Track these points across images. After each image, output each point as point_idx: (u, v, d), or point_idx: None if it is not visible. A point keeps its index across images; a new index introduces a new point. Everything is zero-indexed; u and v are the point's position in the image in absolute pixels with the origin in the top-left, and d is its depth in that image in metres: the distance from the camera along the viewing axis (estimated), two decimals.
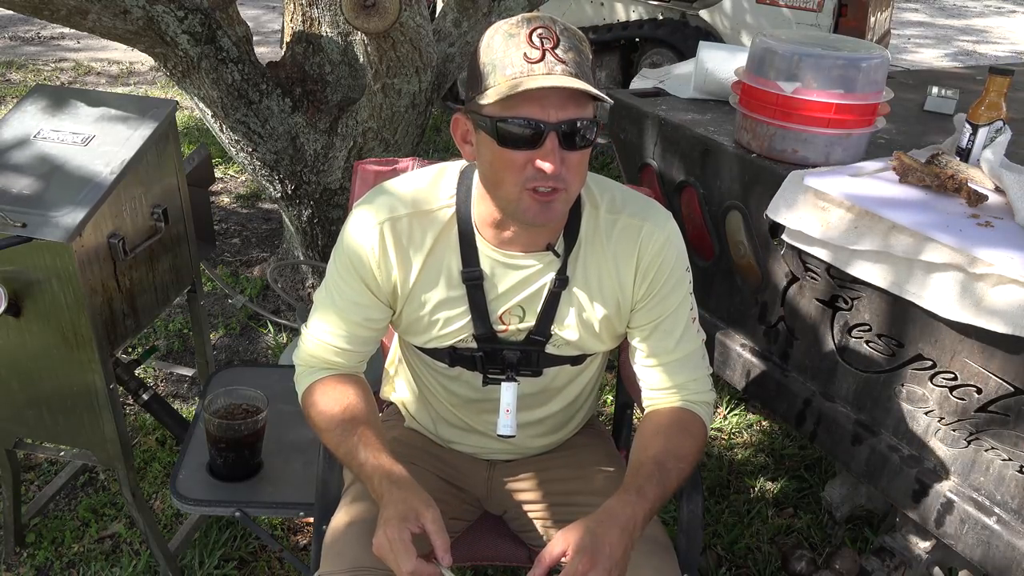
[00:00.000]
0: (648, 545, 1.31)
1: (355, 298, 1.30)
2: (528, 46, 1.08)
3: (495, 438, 1.40)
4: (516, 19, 1.12)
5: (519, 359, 1.33)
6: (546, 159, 1.10)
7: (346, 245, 1.28)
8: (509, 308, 1.29)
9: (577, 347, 1.34)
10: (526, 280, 1.28)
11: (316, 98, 2.76)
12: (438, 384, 1.42)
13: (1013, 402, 1.39)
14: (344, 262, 1.29)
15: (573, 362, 1.37)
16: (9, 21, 7.70)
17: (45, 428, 1.83)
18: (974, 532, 1.44)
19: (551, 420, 1.45)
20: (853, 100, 1.68)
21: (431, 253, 1.27)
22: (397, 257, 1.26)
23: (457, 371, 1.37)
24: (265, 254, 3.55)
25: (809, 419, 1.74)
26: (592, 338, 1.33)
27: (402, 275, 1.28)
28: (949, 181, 1.55)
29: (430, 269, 1.28)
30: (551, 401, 1.42)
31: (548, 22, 1.11)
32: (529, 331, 1.31)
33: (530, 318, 1.30)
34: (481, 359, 1.33)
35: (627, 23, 4.78)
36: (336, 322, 1.32)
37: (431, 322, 1.30)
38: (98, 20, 2.19)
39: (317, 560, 1.32)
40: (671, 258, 1.29)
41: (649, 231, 1.27)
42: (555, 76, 1.07)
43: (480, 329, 1.30)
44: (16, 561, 2.03)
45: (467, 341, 1.32)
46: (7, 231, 1.58)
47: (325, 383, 1.33)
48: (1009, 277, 1.31)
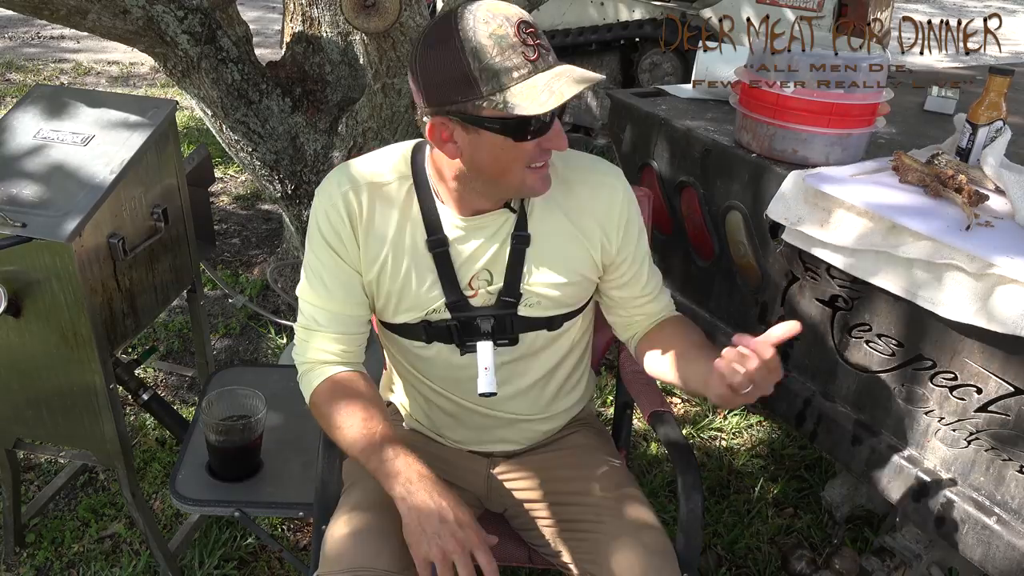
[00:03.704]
0: (648, 545, 1.31)
1: (334, 273, 1.34)
2: (522, 45, 1.12)
3: (487, 418, 1.43)
4: (487, 14, 1.12)
5: (494, 327, 1.35)
6: (555, 140, 1.20)
7: (314, 222, 1.34)
8: (476, 273, 1.33)
9: (549, 303, 1.37)
10: (489, 240, 1.32)
11: (316, 98, 2.76)
12: (420, 372, 1.43)
13: (1013, 402, 1.39)
14: (316, 240, 1.34)
15: (548, 326, 1.39)
16: (9, 21, 7.70)
17: (45, 428, 1.83)
18: (974, 532, 1.44)
19: (534, 391, 1.46)
20: (853, 100, 1.68)
21: (395, 224, 1.32)
22: (363, 222, 1.31)
23: (435, 348, 1.38)
24: (265, 254, 3.55)
25: (809, 419, 1.74)
26: (562, 289, 1.37)
27: (369, 242, 1.32)
28: (949, 181, 1.55)
29: (396, 241, 1.32)
30: (530, 369, 1.43)
31: (516, 11, 1.15)
32: (499, 293, 1.34)
33: (498, 280, 1.34)
34: (456, 328, 1.35)
35: (627, 23, 4.77)
36: (323, 304, 1.35)
37: (403, 293, 1.34)
38: (98, 20, 2.19)
39: (317, 560, 1.32)
40: (634, 204, 1.40)
41: (612, 185, 1.37)
42: (561, 69, 1.14)
43: (451, 296, 1.33)
44: (16, 561, 2.03)
45: (440, 311, 1.35)
46: (7, 231, 1.58)
47: (332, 380, 1.34)
48: (1009, 277, 1.31)
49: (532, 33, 1.13)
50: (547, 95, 1.11)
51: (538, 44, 1.14)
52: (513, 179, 1.21)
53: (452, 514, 1.17)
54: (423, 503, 1.17)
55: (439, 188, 1.31)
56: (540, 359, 1.43)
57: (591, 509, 1.40)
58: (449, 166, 1.24)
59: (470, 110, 1.14)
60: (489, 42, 1.11)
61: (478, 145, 1.18)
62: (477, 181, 1.24)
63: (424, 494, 1.18)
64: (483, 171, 1.21)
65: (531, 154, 1.19)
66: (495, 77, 1.11)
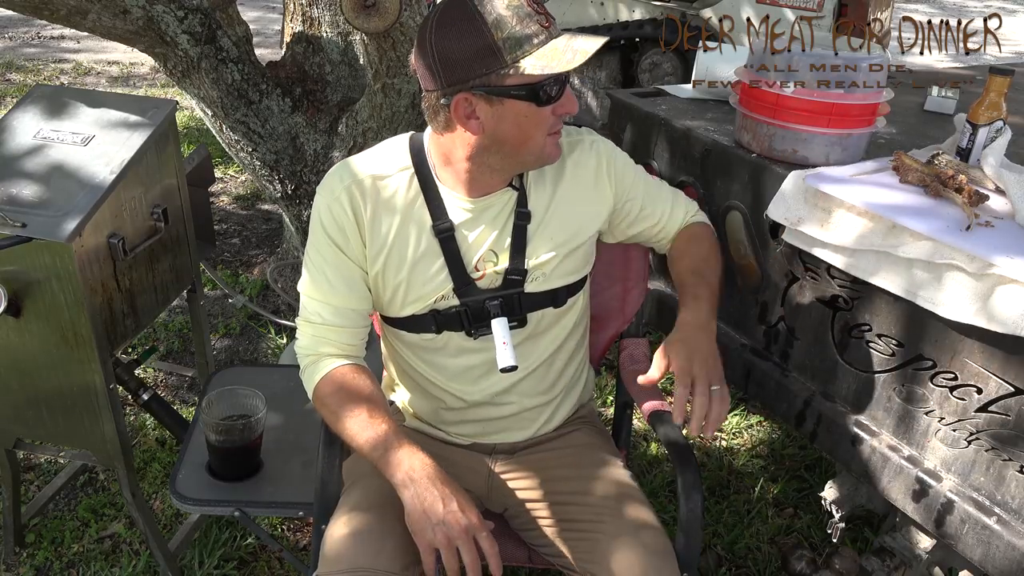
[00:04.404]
0: (648, 545, 1.31)
1: (336, 268, 1.35)
2: (536, 14, 1.20)
3: (495, 405, 1.45)
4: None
5: (502, 306, 1.37)
6: (569, 102, 1.27)
7: (317, 218, 1.35)
8: (482, 255, 1.36)
9: (554, 274, 1.40)
10: (494, 220, 1.35)
11: (316, 98, 2.76)
12: (429, 365, 1.44)
13: (1013, 402, 1.39)
14: (319, 235, 1.35)
15: (555, 303, 1.43)
16: (9, 21, 7.70)
17: (45, 428, 1.83)
18: (974, 532, 1.44)
19: (540, 369, 1.48)
20: (853, 100, 1.68)
21: (399, 214, 1.34)
22: (367, 216, 1.33)
23: (444, 338, 1.40)
24: (265, 254, 3.55)
25: (809, 419, 1.74)
26: (565, 256, 1.40)
27: (373, 236, 1.34)
28: (949, 181, 1.54)
29: (401, 231, 1.34)
30: (536, 348, 1.45)
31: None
32: (505, 271, 1.37)
33: (503, 259, 1.37)
34: (465, 314, 1.37)
35: (627, 23, 4.77)
36: (325, 299, 1.36)
37: (410, 283, 1.35)
38: (98, 20, 2.19)
39: (316, 560, 1.32)
40: (615, 150, 1.49)
41: (591, 142, 1.46)
42: (569, 34, 1.23)
43: (458, 281, 1.35)
44: (16, 561, 2.03)
45: (448, 298, 1.36)
46: (7, 231, 1.58)
47: (335, 373, 1.35)
48: (1009, 277, 1.31)
49: (539, 2, 1.22)
50: (570, 54, 1.19)
51: (546, 12, 1.23)
52: (534, 146, 1.28)
53: (455, 501, 1.18)
54: (426, 491, 1.19)
55: (444, 173, 1.34)
56: (546, 338, 1.45)
57: (591, 509, 1.40)
58: (463, 146, 1.27)
59: (494, 81, 1.19)
60: (508, 12, 1.18)
61: (502, 116, 1.23)
62: (496, 155, 1.28)
63: (427, 482, 1.20)
64: (506, 142, 1.26)
65: (550, 120, 1.26)
66: (518, 45, 1.18)
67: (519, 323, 1.41)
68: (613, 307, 1.72)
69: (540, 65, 1.18)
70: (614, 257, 1.68)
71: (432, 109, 1.27)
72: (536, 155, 1.30)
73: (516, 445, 1.52)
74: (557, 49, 1.20)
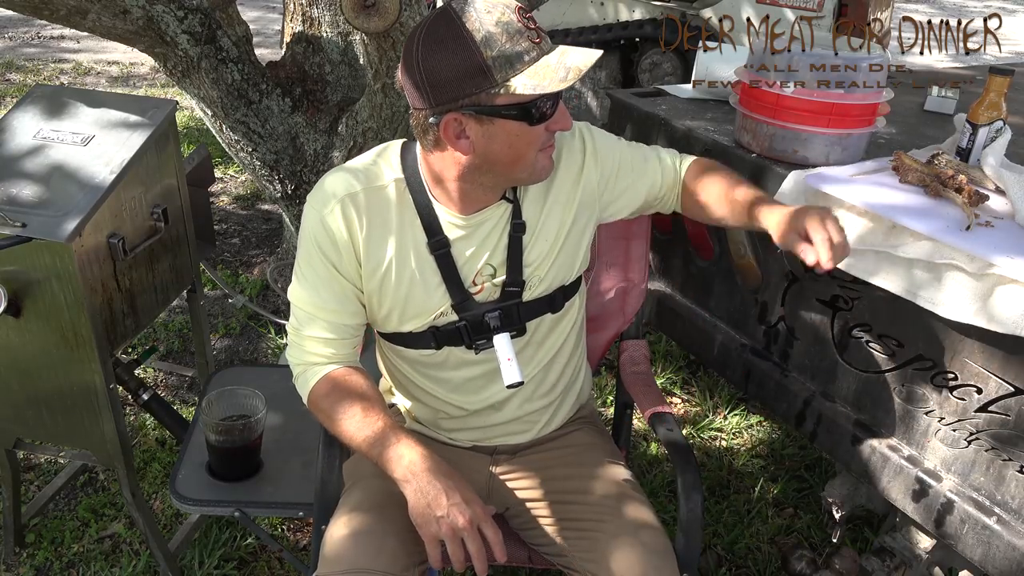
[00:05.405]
0: (648, 544, 1.31)
1: (328, 284, 1.32)
2: (527, 30, 1.15)
3: (496, 410, 1.44)
4: (487, 3, 1.14)
5: (501, 318, 1.36)
6: (563, 119, 1.23)
7: (309, 231, 1.31)
8: (479, 269, 1.34)
9: (550, 277, 1.38)
10: (490, 234, 1.33)
11: (316, 98, 2.76)
12: (429, 379, 1.43)
13: (1013, 402, 1.39)
14: (311, 250, 1.31)
15: (552, 308, 1.41)
16: (9, 21, 7.70)
17: (45, 428, 1.83)
18: (974, 532, 1.44)
19: (538, 374, 1.47)
20: (853, 100, 1.68)
21: (394, 230, 1.31)
22: (363, 234, 1.29)
23: (445, 353, 1.38)
24: (265, 254, 3.55)
25: (809, 419, 1.74)
26: (559, 256, 1.38)
27: (369, 254, 1.30)
28: (949, 181, 1.54)
29: (397, 248, 1.31)
30: (536, 355, 1.44)
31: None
32: (503, 284, 1.35)
33: (501, 272, 1.35)
34: (465, 329, 1.35)
35: (627, 23, 4.77)
36: (315, 311, 1.33)
37: (408, 300, 1.33)
38: (98, 20, 2.19)
39: (316, 560, 1.32)
40: (592, 131, 1.45)
41: (574, 134, 1.42)
42: (561, 49, 1.18)
43: (457, 297, 1.33)
44: (16, 561, 2.03)
45: (447, 314, 1.35)
46: (7, 231, 1.58)
47: (329, 377, 1.34)
48: (1009, 277, 1.31)
49: (530, 17, 1.17)
50: (563, 71, 1.15)
51: (538, 28, 1.17)
52: (526, 164, 1.24)
53: (457, 492, 1.18)
54: (428, 485, 1.18)
55: (435, 191, 1.30)
56: (545, 344, 1.45)
57: (591, 508, 1.40)
58: (453, 165, 1.24)
59: (484, 100, 1.15)
60: (497, 30, 1.13)
61: (492, 135, 1.19)
62: (487, 174, 1.25)
63: (428, 475, 1.19)
64: (497, 162, 1.22)
65: (543, 137, 1.22)
66: (508, 64, 1.13)
67: (518, 332, 1.39)
68: (613, 307, 1.72)
69: (532, 84, 1.13)
70: (615, 258, 1.68)
71: (421, 128, 1.22)
72: (529, 172, 1.26)
73: (517, 447, 1.52)
74: (549, 66, 1.15)
